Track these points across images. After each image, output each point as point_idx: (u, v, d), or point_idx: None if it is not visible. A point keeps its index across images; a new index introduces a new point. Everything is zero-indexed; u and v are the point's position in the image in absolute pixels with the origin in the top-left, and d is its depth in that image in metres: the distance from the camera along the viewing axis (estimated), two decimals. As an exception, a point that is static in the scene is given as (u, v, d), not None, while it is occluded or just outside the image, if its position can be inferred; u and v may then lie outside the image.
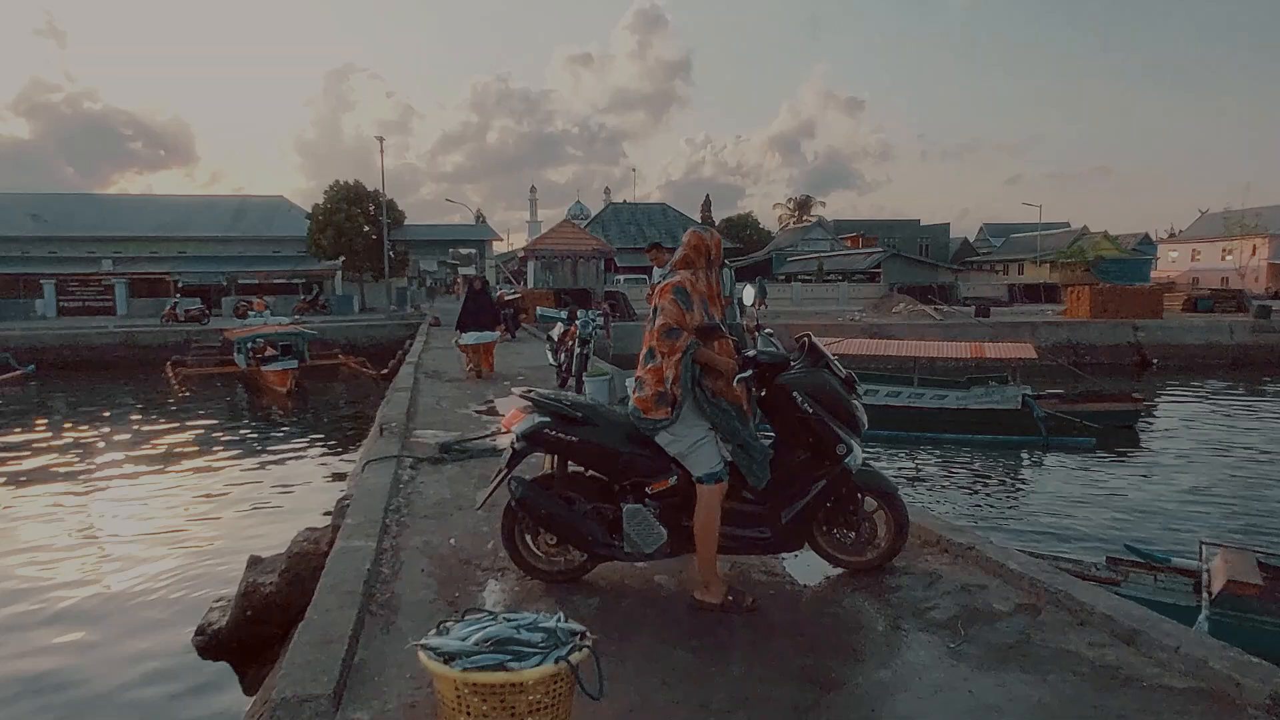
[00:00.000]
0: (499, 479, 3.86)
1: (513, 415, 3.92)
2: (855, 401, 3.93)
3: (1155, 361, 26.63)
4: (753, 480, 3.72)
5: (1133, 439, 15.46)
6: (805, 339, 4.07)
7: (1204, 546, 6.85)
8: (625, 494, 3.78)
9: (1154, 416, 18.02)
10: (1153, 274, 51.39)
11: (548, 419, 3.78)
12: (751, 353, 3.79)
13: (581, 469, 3.91)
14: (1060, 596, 3.69)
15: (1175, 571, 6.84)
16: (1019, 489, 12.90)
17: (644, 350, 3.76)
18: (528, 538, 3.91)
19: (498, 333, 13.03)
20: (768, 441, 3.87)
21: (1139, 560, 7.13)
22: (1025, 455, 14.51)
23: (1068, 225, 62.09)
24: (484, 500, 3.98)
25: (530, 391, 3.98)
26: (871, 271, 46.61)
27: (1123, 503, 11.29)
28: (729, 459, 3.74)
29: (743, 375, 3.67)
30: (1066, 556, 7.19)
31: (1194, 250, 62.51)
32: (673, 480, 3.70)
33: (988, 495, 12.18)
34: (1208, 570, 6.43)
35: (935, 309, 33.38)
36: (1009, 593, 3.87)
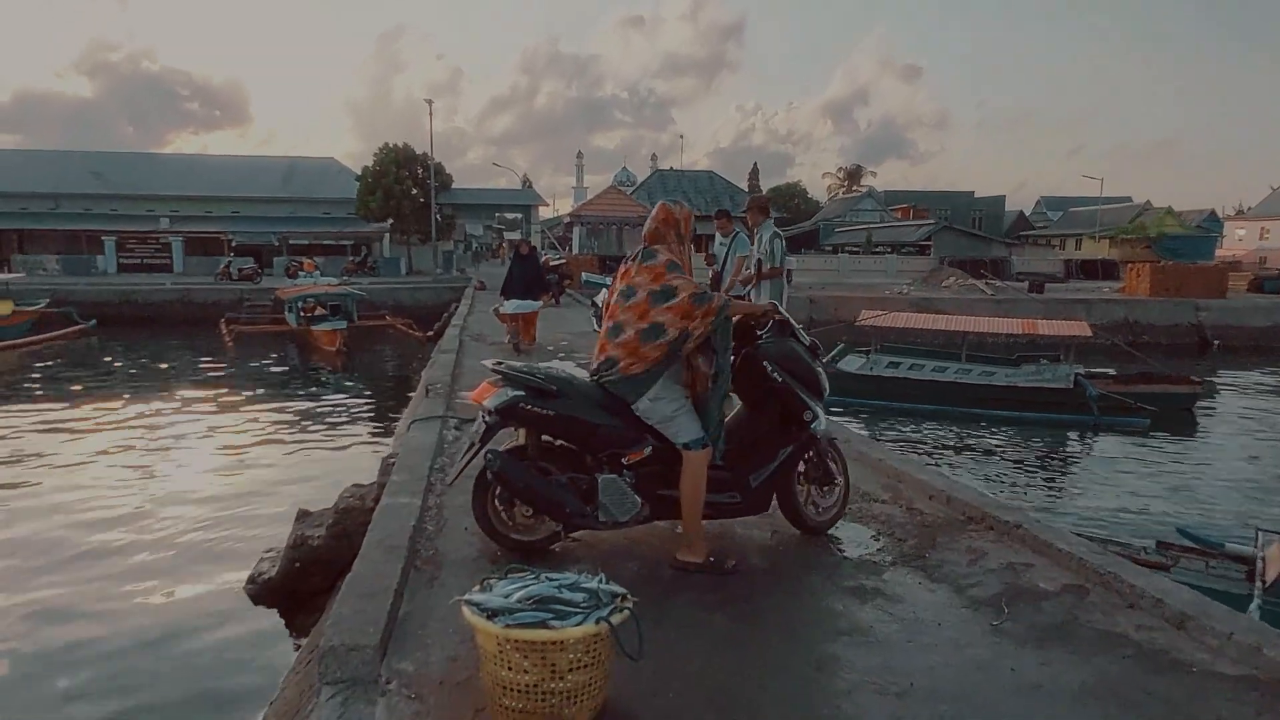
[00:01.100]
0: (470, 453, 3.81)
1: (482, 389, 3.85)
2: (819, 369, 4.13)
3: (1217, 343, 25.76)
4: (714, 447, 3.78)
5: (1190, 422, 15.01)
6: (780, 314, 4.24)
7: (1260, 533, 6.65)
8: (600, 464, 3.78)
9: (1213, 400, 17.45)
10: (1218, 252, 49.48)
11: (522, 393, 3.70)
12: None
13: (551, 440, 3.87)
14: (1109, 578, 3.61)
15: (1228, 558, 6.66)
16: (1068, 469, 12.64)
17: (609, 325, 3.79)
18: (500, 509, 3.87)
19: (540, 302, 12.17)
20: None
21: (1190, 545, 6.96)
22: (1076, 435, 14.17)
23: (1129, 200, 59.93)
24: (455, 475, 3.91)
25: (500, 364, 3.89)
26: (922, 244, 45.64)
27: (1176, 487, 10.99)
28: None
29: (777, 317, 4.06)
30: (1114, 539, 7.04)
31: (1263, 228, 59.93)
32: (648, 450, 3.74)
33: (1035, 474, 11.96)
34: (1263, 558, 6.25)
35: (987, 284, 32.64)
36: (1056, 572, 3.80)
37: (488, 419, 3.75)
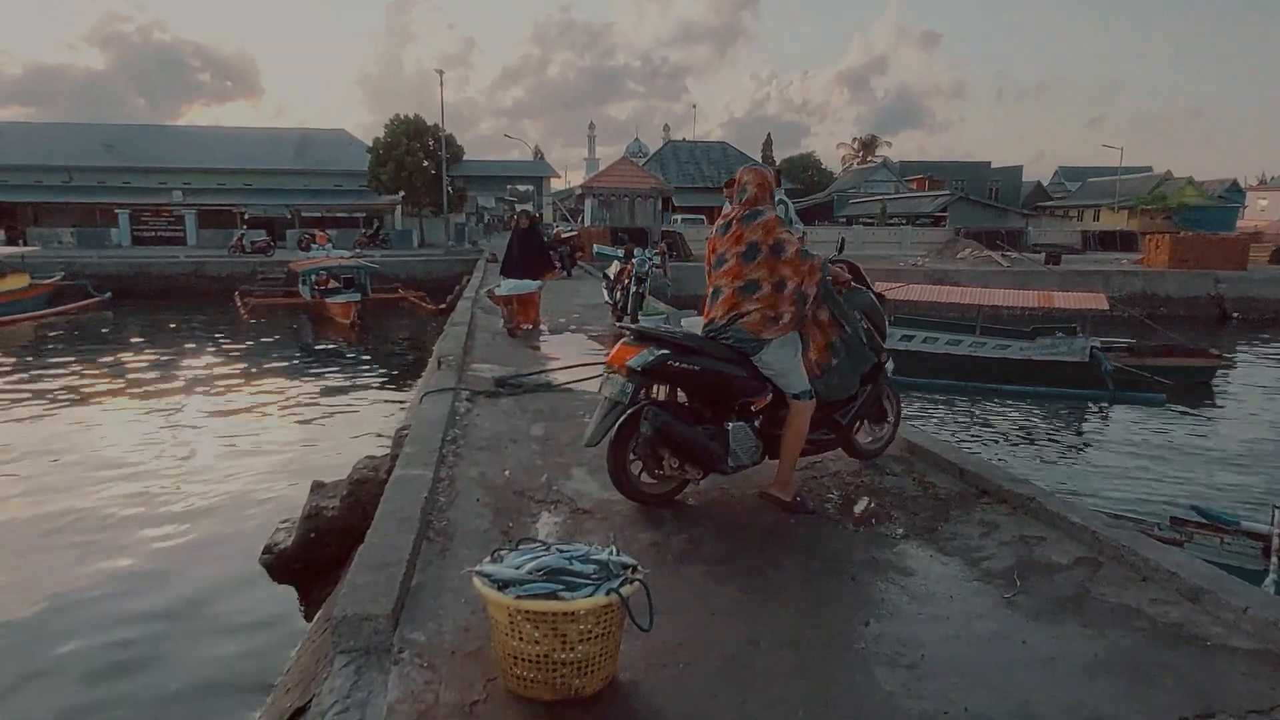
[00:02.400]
0: (619, 413, 3.92)
1: (619, 351, 4.01)
2: (885, 317, 4.74)
3: (1236, 315, 25.46)
4: (827, 393, 4.24)
5: (1207, 396, 14.87)
6: (844, 263, 4.70)
7: (1277, 510, 6.59)
8: (727, 414, 4.07)
9: (1231, 373, 17.26)
10: (1239, 223, 48.71)
11: (667, 351, 3.91)
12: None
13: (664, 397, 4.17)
14: (1123, 551, 3.59)
15: (1243, 534, 6.61)
16: (1083, 443, 12.57)
17: (736, 285, 4.05)
18: (638, 465, 4.06)
19: (540, 282, 10.83)
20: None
21: (1205, 522, 6.91)
22: (1091, 410, 14.07)
23: (1149, 170, 58.97)
24: (603, 434, 3.96)
25: (635, 325, 4.18)
26: (937, 215, 45.17)
27: (1192, 462, 10.91)
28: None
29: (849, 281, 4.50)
30: (1128, 515, 7.00)
31: (1286, 198, 58.88)
32: (769, 397, 4.09)
33: (1049, 449, 11.90)
34: (1279, 534, 6.20)
35: (1003, 255, 32.29)
36: (1069, 545, 3.79)
37: (632, 379, 3.91)
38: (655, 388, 4.11)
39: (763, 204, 4.11)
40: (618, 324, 4.37)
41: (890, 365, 4.70)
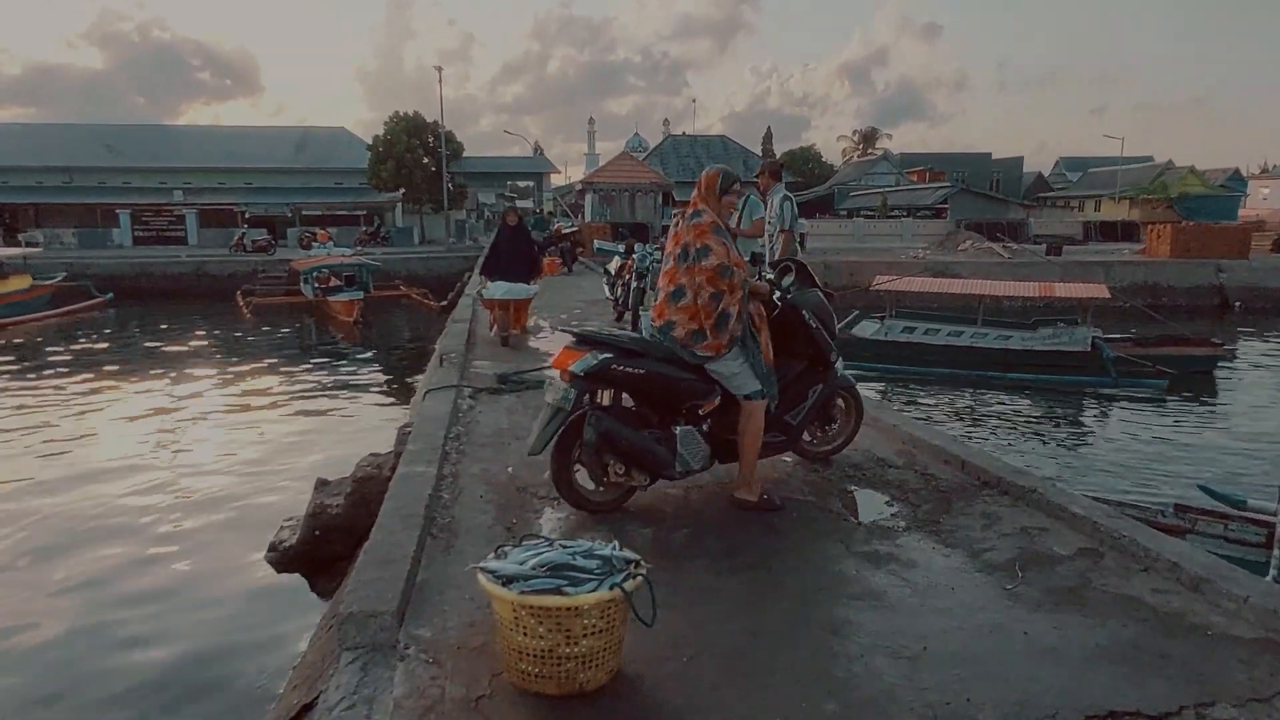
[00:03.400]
0: (562, 419, 3.78)
1: (562, 355, 3.91)
2: (834, 313, 4.62)
3: (1238, 304, 25.40)
4: (770, 398, 4.07)
5: (1209, 385, 14.84)
6: (792, 262, 4.74)
7: (1281, 492, 6.59)
8: (674, 418, 3.98)
9: (1234, 362, 17.23)
10: (1241, 212, 48.50)
11: (610, 355, 3.83)
12: (770, 275, 4.55)
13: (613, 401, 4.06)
14: (1124, 541, 3.60)
15: (1248, 521, 6.63)
16: (1085, 433, 12.56)
17: (669, 289, 3.96)
18: (579, 472, 3.93)
19: (535, 287, 10.15)
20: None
21: (1209, 508, 6.92)
22: (1093, 398, 14.06)
23: (1151, 159, 58.74)
24: (547, 441, 3.82)
25: (577, 329, 4.08)
26: (938, 207, 45.00)
27: (1195, 450, 10.90)
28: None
29: (774, 298, 4.30)
30: (1132, 503, 7.01)
31: (1288, 187, 58.59)
32: (718, 400, 4.00)
33: (1052, 438, 11.89)
34: (1282, 520, 6.20)
35: (1004, 247, 32.22)
36: (1070, 536, 3.80)
37: (575, 383, 3.81)
38: (600, 392, 3.97)
39: (704, 205, 3.97)
40: (569, 326, 4.25)
41: (840, 364, 4.55)
